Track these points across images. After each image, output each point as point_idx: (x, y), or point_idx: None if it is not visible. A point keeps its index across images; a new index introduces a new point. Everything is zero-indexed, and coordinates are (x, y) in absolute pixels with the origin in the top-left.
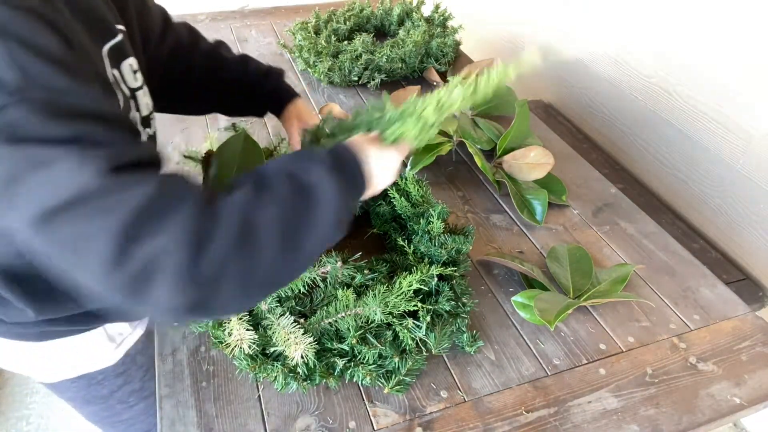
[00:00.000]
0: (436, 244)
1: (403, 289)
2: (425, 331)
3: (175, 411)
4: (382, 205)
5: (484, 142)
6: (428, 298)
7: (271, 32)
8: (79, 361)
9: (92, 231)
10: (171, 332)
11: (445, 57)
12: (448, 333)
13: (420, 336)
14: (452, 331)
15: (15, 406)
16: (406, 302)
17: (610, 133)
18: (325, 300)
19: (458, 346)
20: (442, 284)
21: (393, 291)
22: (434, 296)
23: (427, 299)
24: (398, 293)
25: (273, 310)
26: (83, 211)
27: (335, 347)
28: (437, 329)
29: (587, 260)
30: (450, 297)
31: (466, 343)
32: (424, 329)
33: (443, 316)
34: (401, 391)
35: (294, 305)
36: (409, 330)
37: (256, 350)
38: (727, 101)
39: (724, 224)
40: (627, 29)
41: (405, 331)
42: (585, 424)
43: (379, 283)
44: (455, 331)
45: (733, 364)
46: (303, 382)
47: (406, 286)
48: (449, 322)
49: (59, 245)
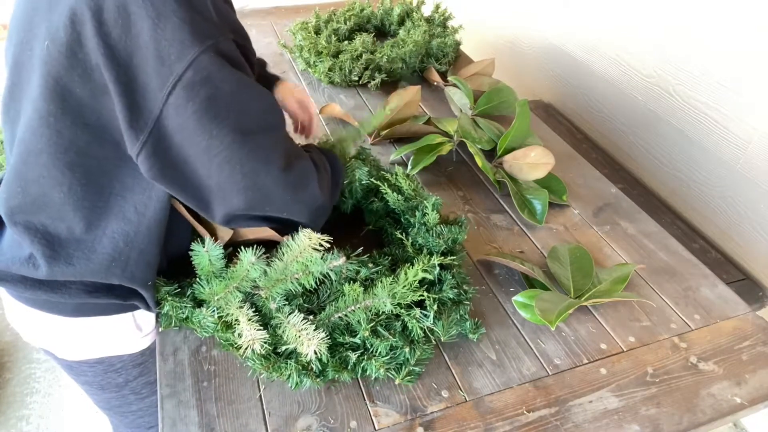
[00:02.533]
0: (433, 234)
1: (408, 279)
2: (432, 319)
3: (176, 411)
4: (374, 202)
5: (484, 142)
6: (432, 287)
7: (271, 32)
8: (104, 344)
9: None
10: (172, 332)
11: (445, 57)
12: (454, 320)
13: (428, 325)
14: (457, 318)
15: (15, 406)
16: (413, 292)
17: (610, 133)
18: (332, 296)
19: (462, 334)
20: (444, 273)
21: (399, 282)
22: (437, 285)
23: (431, 289)
24: (404, 283)
25: (281, 308)
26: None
27: (347, 341)
28: (444, 317)
29: (588, 260)
30: (453, 285)
31: (469, 330)
32: (431, 318)
33: (447, 304)
34: (412, 381)
35: (302, 303)
36: (417, 320)
37: (268, 350)
38: (727, 101)
39: (724, 224)
40: (627, 29)
41: (414, 321)
42: (586, 424)
43: (384, 275)
44: (459, 319)
45: (734, 363)
46: (316, 378)
47: (412, 276)
48: (454, 309)
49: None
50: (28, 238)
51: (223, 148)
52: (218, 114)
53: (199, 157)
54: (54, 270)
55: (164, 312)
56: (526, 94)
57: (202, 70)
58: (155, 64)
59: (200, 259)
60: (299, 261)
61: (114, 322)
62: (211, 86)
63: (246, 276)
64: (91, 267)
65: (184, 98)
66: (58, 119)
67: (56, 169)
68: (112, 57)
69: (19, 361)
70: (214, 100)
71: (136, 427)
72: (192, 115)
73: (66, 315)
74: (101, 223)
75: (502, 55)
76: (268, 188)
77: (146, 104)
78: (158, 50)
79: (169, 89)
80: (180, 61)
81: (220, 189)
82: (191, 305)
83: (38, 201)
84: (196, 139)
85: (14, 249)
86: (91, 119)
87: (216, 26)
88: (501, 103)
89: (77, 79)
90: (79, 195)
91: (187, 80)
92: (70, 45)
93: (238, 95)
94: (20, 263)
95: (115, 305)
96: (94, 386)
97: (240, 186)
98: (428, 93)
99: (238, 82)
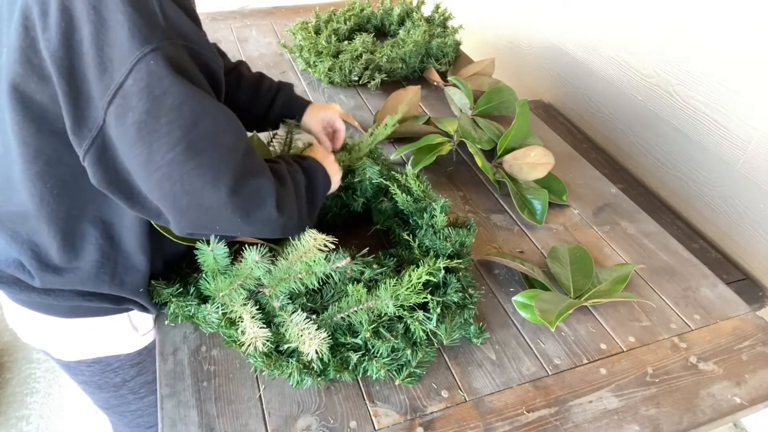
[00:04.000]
0: (441, 237)
1: (412, 281)
2: (435, 322)
3: (176, 411)
4: (383, 201)
5: (484, 142)
6: (436, 290)
7: (271, 32)
8: (100, 344)
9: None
10: (172, 332)
11: (445, 57)
12: (457, 324)
13: (431, 327)
14: (461, 322)
15: (15, 406)
16: (416, 294)
17: (610, 133)
18: (336, 296)
19: (466, 338)
20: (449, 276)
21: (403, 284)
22: (442, 288)
23: (435, 291)
24: (408, 286)
25: (285, 307)
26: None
27: (348, 342)
28: (447, 320)
29: (588, 260)
30: (458, 288)
31: (473, 335)
32: (434, 321)
33: (451, 308)
34: (412, 383)
35: (305, 302)
36: (420, 322)
37: (270, 348)
38: (727, 101)
39: (724, 224)
40: (627, 29)
41: (416, 324)
42: (586, 424)
43: (388, 277)
44: (463, 323)
45: (734, 363)
46: (317, 377)
47: (416, 278)
48: (457, 313)
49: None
50: (16, 247)
51: (163, 164)
52: (158, 128)
53: (139, 170)
54: (44, 280)
55: (170, 311)
56: (526, 94)
57: (142, 78)
58: (97, 71)
59: (205, 257)
60: (303, 261)
61: (110, 322)
62: (152, 97)
63: (250, 274)
64: (80, 275)
65: (124, 107)
66: (22, 127)
67: (28, 180)
68: (57, 63)
69: (19, 361)
70: (155, 112)
71: (135, 426)
72: (131, 126)
73: (61, 316)
74: (78, 231)
75: (502, 55)
76: (214, 210)
77: (90, 112)
78: (100, 56)
79: (110, 97)
80: (120, 67)
81: (163, 205)
82: (196, 302)
83: (21, 211)
84: (135, 151)
85: (8, 251)
86: (56, 126)
87: (161, 30)
88: (501, 103)
89: (34, 86)
90: (52, 206)
91: (127, 89)
92: (24, 51)
93: (182, 109)
94: (14, 267)
95: (109, 308)
96: (92, 386)
97: (182, 204)
98: (428, 93)
99: (184, 94)
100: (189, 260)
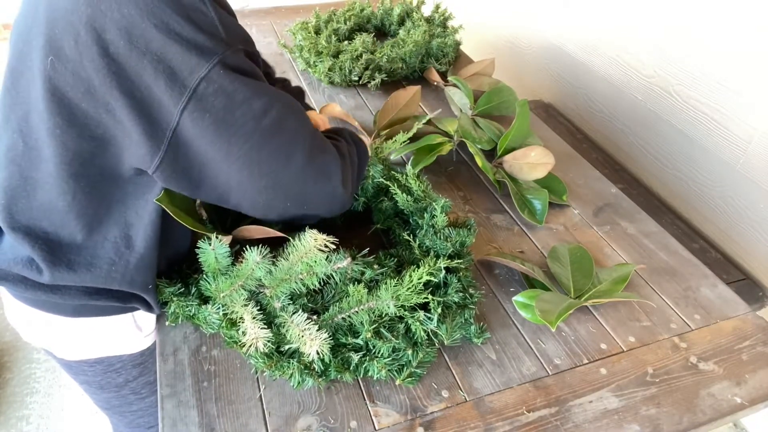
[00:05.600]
0: (441, 237)
1: (413, 281)
2: (436, 322)
3: (176, 411)
4: (384, 201)
5: (484, 142)
6: (437, 290)
7: (271, 32)
8: (104, 344)
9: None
10: (172, 332)
11: (445, 57)
12: (458, 324)
13: (432, 328)
14: (461, 322)
15: (15, 406)
16: (417, 295)
17: (610, 133)
18: (336, 296)
19: (466, 338)
20: (450, 276)
21: (404, 284)
22: (442, 288)
23: (436, 292)
24: (409, 286)
25: (285, 307)
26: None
27: (349, 342)
28: (448, 320)
29: (588, 260)
30: (458, 288)
31: (474, 335)
32: (435, 321)
33: (452, 308)
34: (413, 383)
35: (306, 302)
36: (421, 322)
37: (271, 348)
38: (727, 101)
39: (724, 224)
40: (627, 29)
41: (417, 324)
42: (586, 424)
43: (389, 277)
44: (463, 323)
45: (734, 363)
46: (318, 378)
47: (417, 278)
48: (458, 313)
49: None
50: (28, 243)
51: (242, 154)
52: (235, 122)
53: (218, 162)
54: (56, 275)
55: (171, 311)
56: (526, 94)
57: (213, 82)
58: (167, 81)
59: (206, 257)
60: (304, 261)
61: (114, 322)
62: (225, 96)
63: (251, 275)
64: (93, 272)
65: (200, 110)
66: (64, 131)
67: (61, 179)
68: (119, 77)
69: (19, 361)
70: (230, 109)
71: (135, 426)
72: (210, 125)
73: (66, 315)
74: (102, 229)
75: (502, 55)
76: (288, 186)
77: (162, 117)
78: (168, 68)
79: (183, 104)
80: (191, 77)
81: (240, 188)
82: (197, 303)
83: (44, 207)
84: (215, 146)
85: (16, 249)
86: (96, 132)
87: (222, 41)
88: (501, 103)
89: (81, 95)
90: (83, 203)
91: (201, 93)
92: (74, 63)
93: (252, 102)
94: (22, 264)
95: (115, 307)
96: (94, 386)
97: (260, 185)
98: (428, 93)
99: (252, 88)
100: (189, 261)
